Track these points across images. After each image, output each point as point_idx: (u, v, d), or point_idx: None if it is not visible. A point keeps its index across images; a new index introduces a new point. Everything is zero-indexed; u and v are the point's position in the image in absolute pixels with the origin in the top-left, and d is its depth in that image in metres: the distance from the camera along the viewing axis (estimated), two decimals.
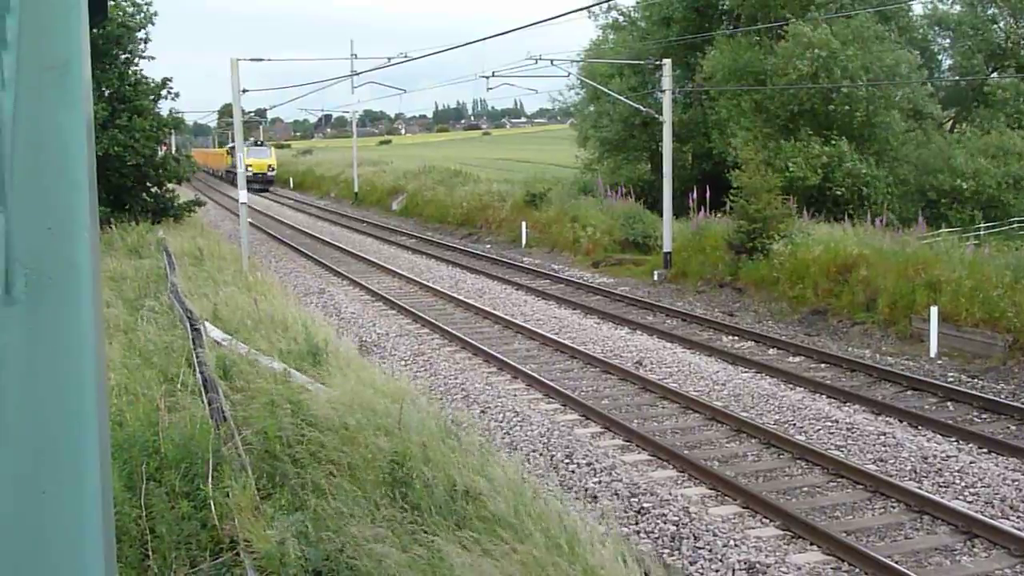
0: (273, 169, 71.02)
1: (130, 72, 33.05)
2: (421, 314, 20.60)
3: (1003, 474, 10.91)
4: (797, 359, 17.02)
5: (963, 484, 10.71)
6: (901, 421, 13.12)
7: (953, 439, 12.32)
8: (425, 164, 54.66)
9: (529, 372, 15.64)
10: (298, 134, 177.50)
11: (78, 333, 1.87)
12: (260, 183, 68.79)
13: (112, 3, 30.34)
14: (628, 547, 7.50)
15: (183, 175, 36.18)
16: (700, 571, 8.69)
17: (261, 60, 28.64)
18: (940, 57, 48.60)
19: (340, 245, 34.33)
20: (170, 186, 35.40)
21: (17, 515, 1.67)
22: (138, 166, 31.91)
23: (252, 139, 74.66)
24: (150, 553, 7.02)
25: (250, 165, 61.50)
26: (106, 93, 31.63)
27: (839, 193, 34.76)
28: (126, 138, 30.93)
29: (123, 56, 32.71)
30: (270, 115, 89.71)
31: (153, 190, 34.44)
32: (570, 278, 26.08)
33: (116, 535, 4.62)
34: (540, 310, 21.46)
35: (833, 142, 35.08)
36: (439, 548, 6.91)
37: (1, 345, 1.79)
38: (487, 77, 29.82)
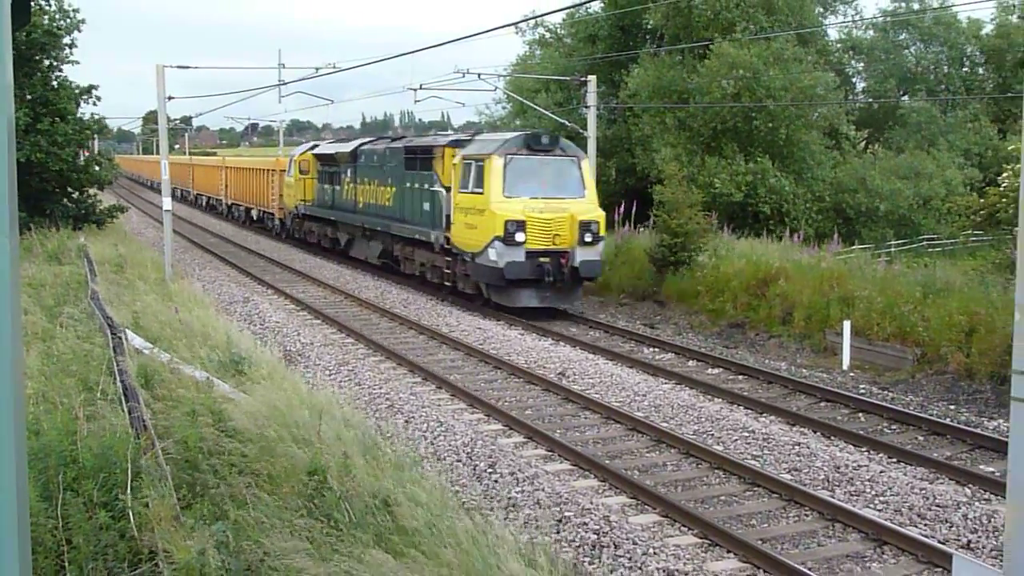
0: (599, 236, 21.66)
1: (53, 76, 32.42)
2: (346, 324, 20.53)
3: (911, 483, 11.26)
4: (716, 371, 17.36)
5: (874, 493, 11.03)
6: (815, 432, 13.46)
7: (864, 449, 12.69)
8: None
9: (454, 382, 15.69)
10: (224, 142, 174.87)
11: None
12: (558, 283, 21.33)
13: (36, 7, 29.71)
14: (547, 557, 7.59)
15: (105, 179, 35.53)
16: None
17: (187, 68, 28.01)
18: (854, 80, 50.12)
19: (265, 254, 33.98)
20: (92, 191, 34.80)
21: None
22: (60, 171, 31.30)
23: (536, 133, 22.76)
24: (66, 564, 6.93)
25: (548, 223, 21.11)
26: (28, 98, 30.96)
27: (763, 209, 35.53)
28: (48, 144, 30.30)
29: (47, 62, 32.07)
30: (196, 123, 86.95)
31: (75, 195, 33.81)
32: None
33: (32, 546, 4.56)
34: (465, 321, 21.51)
35: (757, 159, 35.84)
36: (358, 559, 6.94)
37: None
38: (415, 89, 29.86)
